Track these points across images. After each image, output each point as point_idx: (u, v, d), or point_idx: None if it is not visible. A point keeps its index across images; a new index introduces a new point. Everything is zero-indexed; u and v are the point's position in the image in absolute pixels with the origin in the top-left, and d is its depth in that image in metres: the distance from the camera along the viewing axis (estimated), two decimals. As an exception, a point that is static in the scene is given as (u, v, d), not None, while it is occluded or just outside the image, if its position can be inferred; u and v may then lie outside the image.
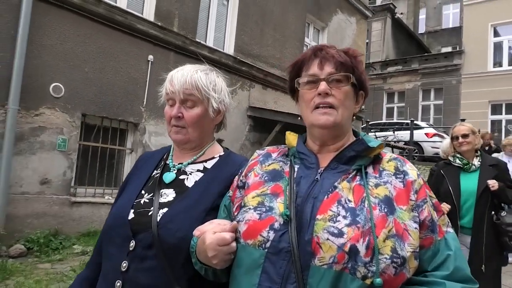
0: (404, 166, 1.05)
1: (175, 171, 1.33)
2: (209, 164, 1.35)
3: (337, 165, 1.05)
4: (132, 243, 1.17)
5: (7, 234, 4.90)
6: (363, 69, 1.12)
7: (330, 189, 0.99)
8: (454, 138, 3.54)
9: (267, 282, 0.91)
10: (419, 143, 12.41)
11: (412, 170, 1.04)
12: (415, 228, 0.95)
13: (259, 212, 1.00)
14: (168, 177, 1.31)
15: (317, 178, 1.03)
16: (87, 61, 6.04)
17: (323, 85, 1.04)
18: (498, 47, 17.07)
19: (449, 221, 1.06)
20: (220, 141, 1.47)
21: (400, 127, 13.45)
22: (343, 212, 0.93)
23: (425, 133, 12.55)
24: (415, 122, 12.78)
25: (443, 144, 4.67)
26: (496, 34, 17.21)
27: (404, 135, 12.54)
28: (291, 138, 1.16)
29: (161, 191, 1.27)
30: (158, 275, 1.13)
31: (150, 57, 6.86)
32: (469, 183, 3.36)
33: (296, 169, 1.08)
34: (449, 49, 22.64)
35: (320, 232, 0.90)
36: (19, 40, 5.22)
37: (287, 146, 1.17)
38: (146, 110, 6.78)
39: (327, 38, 11.55)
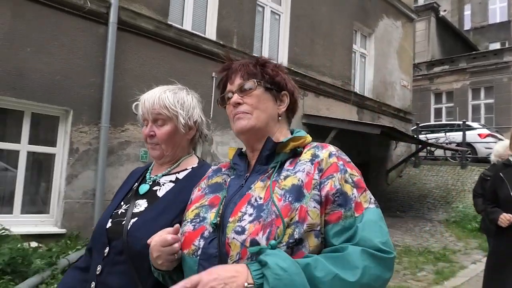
0: (320, 150, 1.06)
1: (150, 183, 1.42)
2: (181, 175, 1.42)
3: (260, 167, 1.08)
4: (107, 249, 1.28)
5: (105, 236, 5.63)
6: (277, 73, 1.16)
7: (245, 192, 1.03)
8: None
9: None
10: (472, 144, 12.21)
11: (325, 152, 1.04)
12: (314, 207, 0.95)
13: (194, 223, 1.05)
14: (143, 188, 1.40)
15: (243, 184, 1.07)
16: (161, 81, 6.52)
17: (234, 97, 1.12)
18: (552, 41, 16.52)
19: (372, 197, 1.02)
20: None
21: (451, 128, 13.28)
22: (250, 211, 0.97)
23: (478, 134, 12.31)
24: (467, 123, 12.57)
25: (497, 146, 4.26)
26: (549, 28, 16.66)
27: (456, 136, 12.37)
28: (230, 152, 1.20)
29: (136, 201, 1.36)
30: (126, 279, 1.23)
31: (214, 74, 7.46)
32: None
33: (229, 180, 1.12)
34: (497, 45, 21.96)
35: (230, 233, 0.96)
36: (107, 66, 5.94)
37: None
38: (213, 122, 7.36)
39: (374, 44, 11.78)
